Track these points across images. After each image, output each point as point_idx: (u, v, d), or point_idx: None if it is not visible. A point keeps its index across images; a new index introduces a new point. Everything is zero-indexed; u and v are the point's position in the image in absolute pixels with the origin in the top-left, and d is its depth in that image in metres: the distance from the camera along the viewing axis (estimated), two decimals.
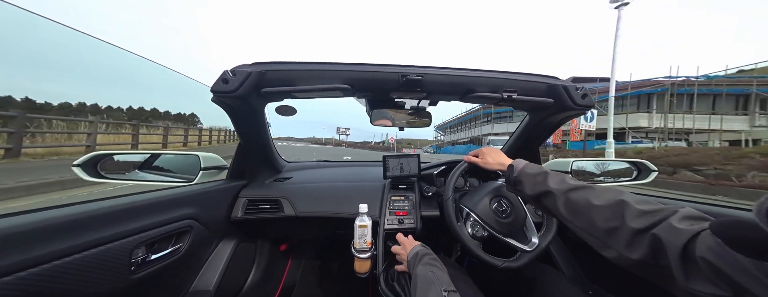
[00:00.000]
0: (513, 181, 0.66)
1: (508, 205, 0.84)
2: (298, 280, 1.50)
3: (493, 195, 0.85)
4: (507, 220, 0.82)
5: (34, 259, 0.46)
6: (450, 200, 0.84)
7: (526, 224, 0.85)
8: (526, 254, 0.79)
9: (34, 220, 0.49)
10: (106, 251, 0.57)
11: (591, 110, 1.49)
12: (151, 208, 0.72)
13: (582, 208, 0.49)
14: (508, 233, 0.81)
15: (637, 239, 0.40)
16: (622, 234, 0.41)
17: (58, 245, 0.50)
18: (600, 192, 0.49)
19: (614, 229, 0.43)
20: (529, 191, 0.61)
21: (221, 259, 0.97)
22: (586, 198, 0.49)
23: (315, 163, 1.56)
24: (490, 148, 0.84)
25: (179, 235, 0.79)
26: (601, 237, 0.45)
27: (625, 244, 0.41)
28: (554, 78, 0.83)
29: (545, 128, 1.03)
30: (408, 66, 0.76)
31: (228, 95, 0.71)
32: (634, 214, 0.41)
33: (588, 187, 0.52)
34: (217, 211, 0.97)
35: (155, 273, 0.69)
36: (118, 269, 0.60)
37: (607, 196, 0.47)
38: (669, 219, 0.38)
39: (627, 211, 0.42)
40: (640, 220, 0.40)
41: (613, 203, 0.45)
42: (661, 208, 0.40)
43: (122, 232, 0.62)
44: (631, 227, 0.40)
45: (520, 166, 0.67)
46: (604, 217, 0.45)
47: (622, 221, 0.42)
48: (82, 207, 0.59)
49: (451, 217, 0.82)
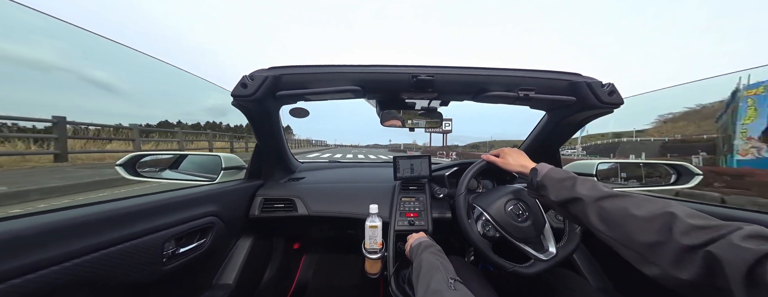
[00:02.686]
0: (536, 186, 0.63)
1: (526, 209, 0.80)
2: (311, 279, 1.54)
3: (509, 197, 0.81)
4: (522, 224, 0.77)
5: (84, 248, 0.52)
6: (462, 196, 0.81)
7: (544, 232, 0.80)
8: (540, 262, 0.74)
9: (83, 214, 0.55)
10: (142, 244, 0.63)
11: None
12: (179, 205, 0.78)
13: (619, 218, 0.45)
14: (522, 238, 0.77)
15: (687, 256, 0.35)
16: (669, 250, 0.37)
17: (103, 237, 0.56)
18: (642, 202, 0.45)
19: (658, 244, 0.39)
20: (554, 197, 0.58)
21: (240, 255, 1.02)
22: (625, 207, 0.45)
23: (327, 164, 1.60)
24: (512, 149, 0.81)
25: (203, 231, 0.85)
26: (642, 251, 0.41)
27: (671, 260, 0.37)
28: (576, 75, 0.78)
29: (566, 128, 0.97)
30: (418, 66, 0.75)
31: (247, 99, 0.75)
32: (684, 229, 0.37)
33: (627, 196, 0.47)
34: (237, 209, 1.02)
35: (183, 266, 0.75)
36: (153, 260, 0.66)
37: (651, 206, 0.43)
38: (730, 236, 0.33)
39: (676, 225, 0.38)
40: (692, 236, 0.36)
41: (658, 215, 0.41)
42: (720, 224, 0.36)
43: (155, 226, 0.68)
44: (680, 243, 0.36)
45: (545, 170, 0.63)
46: (646, 229, 0.41)
47: (668, 235, 0.38)
48: (121, 203, 0.65)
49: (461, 213, 0.79)
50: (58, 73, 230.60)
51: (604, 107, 0.78)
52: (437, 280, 0.55)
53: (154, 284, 0.68)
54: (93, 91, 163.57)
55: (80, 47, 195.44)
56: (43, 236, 0.48)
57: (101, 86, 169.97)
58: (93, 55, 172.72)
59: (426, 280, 0.57)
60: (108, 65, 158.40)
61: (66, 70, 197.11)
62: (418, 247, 0.72)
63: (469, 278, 0.73)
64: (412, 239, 0.81)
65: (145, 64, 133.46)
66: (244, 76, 0.74)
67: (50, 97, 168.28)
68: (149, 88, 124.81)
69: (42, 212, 0.53)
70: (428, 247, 0.70)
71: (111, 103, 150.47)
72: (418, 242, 0.75)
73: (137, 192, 0.79)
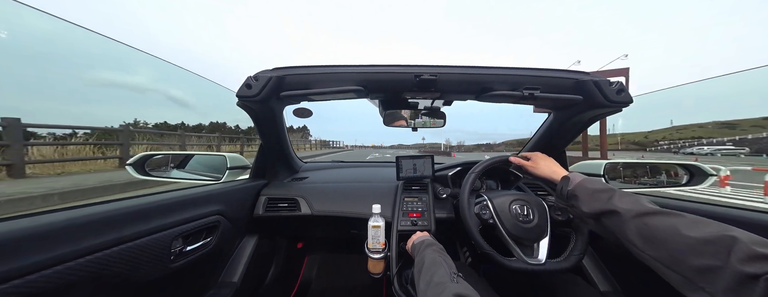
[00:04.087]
0: (566, 195, 0.60)
1: (531, 212, 0.78)
2: (314, 278, 1.55)
3: (517, 197, 0.80)
4: (523, 225, 0.76)
5: (96, 245, 0.54)
6: (475, 174, 0.83)
7: (540, 242, 0.77)
8: (522, 263, 0.72)
9: (95, 212, 0.57)
10: (151, 241, 0.65)
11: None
12: (186, 204, 0.79)
13: (665, 237, 0.42)
14: (516, 237, 0.75)
15: (745, 285, 0.33)
16: (724, 276, 0.35)
17: (114, 234, 0.57)
18: (696, 222, 0.42)
19: (712, 269, 0.36)
20: (587, 208, 0.55)
21: (245, 254, 1.03)
22: (674, 226, 0.42)
23: (329, 164, 1.61)
24: (543, 155, 0.77)
25: (209, 230, 0.86)
26: (689, 275, 0.38)
27: (726, 288, 0.34)
28: (583, 73, 0.77)
29: (572, 128, 0.96)
30: (421, 66, 0.75)
31: (252, 99, 0.76)
32: (746, 255, 0.34)
33: (675, 214, 0.44)
34: (242, 209, 1.03)
35: (190, 263, 0.76)
36: (161, 258, 0.67)
37: (707, 228, 0.40)
38: None
39: (736, 250, 0.35)
40: (756, 265, 0.33)
41: (716, 238, 0.38)
42: None
43: (164, 224, 0.69)
44: (739, 270, 0.33)
45: (578, 179, 0.60)
46: (699, 252, 0.38)
47: (725, 261, 0.35)
48: (131, 201, 0.67)
49: (464, 190, 0.80)
50: (151, 94, 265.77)
51: (612, 106, 0.77)
52: (440, 274, 0.55)
53: (163, 281, 0.69)
54: (173, 106, 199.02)
55: (162, 72, 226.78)
56: (56, 234, 0.49)
57: (179, 102, 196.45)
58: (170, 78, 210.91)
59: (428, 275, 0.57)
60: (181, 85, 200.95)
61: (154, 90, 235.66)
62: (420, 245, 0.72)
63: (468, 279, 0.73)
64: (415, 237, 0.82)
65: (196, 83, 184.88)
66: (248, 76, 0.75)
67: (153, 112, 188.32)
68: (210, 102, 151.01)
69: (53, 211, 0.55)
70: (430, 245, 0.70)
71: (185, 115, 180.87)
72: (420, 240, 0.75)
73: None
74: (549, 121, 0.99)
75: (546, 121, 1.01)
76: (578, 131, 0.97)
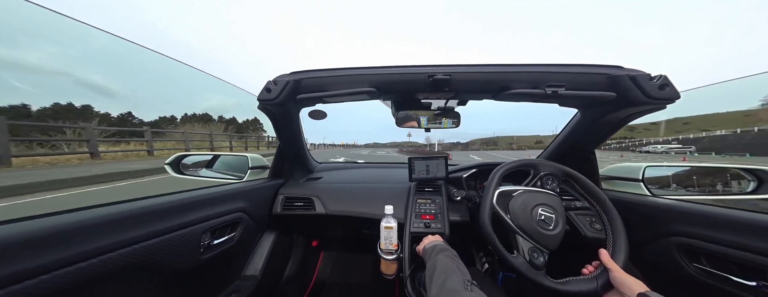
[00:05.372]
0: None
1: (553, 220, 0.70)
2: (328, 275, 1.58)
3: (542, 202, 0.72)
4: (544, 230, 0.69)
5: (135, 237, 0.60)
6: (501, 170, 0.79)
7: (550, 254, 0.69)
8: (522, 265, 0.66)
9: (135, 208, 0.63)
10: (184, 234, 0.71)
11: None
12: (214, 201, 0.85)
13: None
14: (531, 237, 0.69)
15: None
16: None
17: (151, 228, 0.64)
18: None
19: None
20: None
21: (265, 249, 1.09)
22: None
23: (343, 164, 1.63)
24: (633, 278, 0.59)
25: (233, 225, 0.92)
26: None
27: None
28: (616, 67, 0.70)
29: (603, 127, 0.87)
30: (435, 66, 0.73)
31: (271, 102, 0.80)
32: None
33: None
34: (261, 206, 1.09)
35: (217, 256, 0.82)
36: (192, 249, 0.74)
37: None
38: None
39: None
40: None
41: None
42: None
43: (194, 219, 0.75)
44: None
45: None
46: None
47: None
48: (164, 198, 0.74)
49: (489, 192, 0.74)
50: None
51: (653, 103, 0.69)
52: (453, 280, 0.53)
53: (193, 272, 0.76)
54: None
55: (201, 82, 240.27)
56: (99, 227, 0.55)
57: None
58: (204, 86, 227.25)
59: (440, 280, 0.55)
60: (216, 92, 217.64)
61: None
62: (432, 250, 0.70)
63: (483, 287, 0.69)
64: (427, 240, 0.80)
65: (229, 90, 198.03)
66: (268, 81, 0.78)
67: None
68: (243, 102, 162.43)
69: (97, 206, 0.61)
70: (443, 250, 0.68)
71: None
72: (432, 245, 0.73)
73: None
74: (576, 121, 0.91)
75: (572, 121, 0.93)
76: (611, 131, 0.88)
